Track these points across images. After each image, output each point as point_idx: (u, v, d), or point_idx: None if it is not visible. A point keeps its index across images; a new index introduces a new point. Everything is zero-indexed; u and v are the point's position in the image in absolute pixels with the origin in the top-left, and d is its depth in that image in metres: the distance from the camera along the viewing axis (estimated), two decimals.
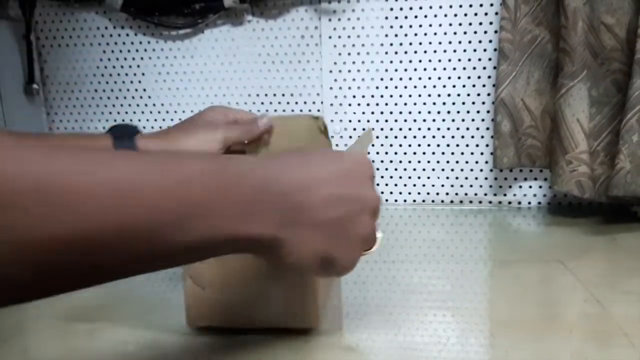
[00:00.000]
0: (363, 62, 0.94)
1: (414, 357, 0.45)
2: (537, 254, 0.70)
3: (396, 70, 0.94)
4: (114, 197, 0.27)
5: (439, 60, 0.92)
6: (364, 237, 0.38)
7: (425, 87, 0.94)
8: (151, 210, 0.28)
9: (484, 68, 0.91)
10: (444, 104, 0.94)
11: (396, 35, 0.93)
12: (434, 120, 0.94)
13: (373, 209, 0.39)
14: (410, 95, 0.94)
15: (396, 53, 0.93)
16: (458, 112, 0.93)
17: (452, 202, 0.97)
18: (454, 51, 0.92)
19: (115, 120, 1.03)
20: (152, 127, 1.02)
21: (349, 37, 0.94)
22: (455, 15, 0.90)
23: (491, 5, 0.89)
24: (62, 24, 1.00)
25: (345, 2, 0.92)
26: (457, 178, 0.96)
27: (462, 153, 0.95)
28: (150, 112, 1.02)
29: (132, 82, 1.01)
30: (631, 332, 0.48)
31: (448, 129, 0.94)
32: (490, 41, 0.90)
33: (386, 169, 0.97)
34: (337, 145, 0.98)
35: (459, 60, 0.92)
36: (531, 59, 0.86)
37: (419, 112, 0.95)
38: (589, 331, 0.49)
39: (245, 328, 0.50)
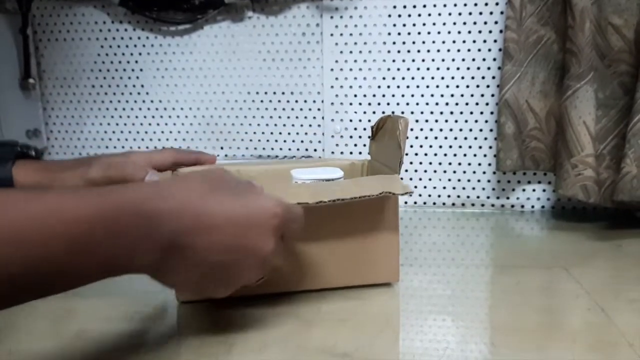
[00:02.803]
0: (365, 61, 0.93)
1: None
2: (540, 259, 0.69)
3: (398, 69, 0.92)
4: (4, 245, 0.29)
5: (442, 60, 0.91)
6: (246, 282, 0.40)
7: (428, 86, 0.92)
8: (41, 252, 0.31)
9: (488, 68, 0.90)
10: (446, 104, 0.92)
11: (399, 34, 0.91)
12: (436, 120, 0.93)
13: (262, 259, 0.40)
14: (412, 95, 0.93)
15: (399, 52, 0.92)
16: (461, 112, 0.92)
17: (453, 204, 0.96)
18: (458, 50, 0.90)
19: (112, 117, 1.02)
20: (150, 124, 1.01)
21: (350, 35, 0.92)
22: (460, 14, 0.89)
23: (496, 4, 0.87)
24: (59, 18, 0.99)
25: (347, 0, 0.91)
26: (459, 180, 0.94)
27: (465, 155, 0.93)
28: (148, 109, 1.01)
29: (129, 77, 1.00)
30: (636, 342, 0.46)
31: (451, 130, 0.93)
32: (495, 41, 0.88)
33: None
34: (337, 145, 0.96)
35: (463, 59, 0.90)
36: (536, 60, 0.84)
37: (422, 113, 0.93)
38: (593, 341, 0.47)
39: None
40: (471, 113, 0.92)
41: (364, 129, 0.95)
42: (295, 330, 0.50)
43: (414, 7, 0.90)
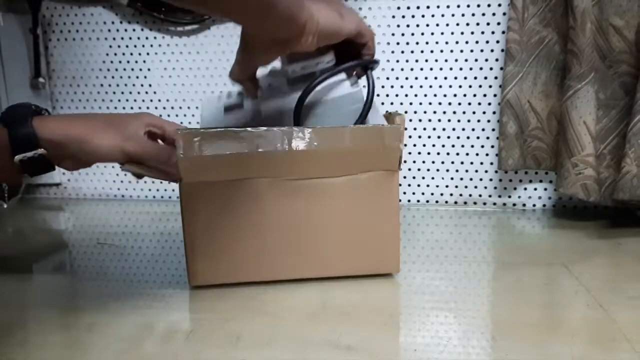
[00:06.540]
0: None
1: (414, 357, 0.45)
2: (541, 256, 0.70)
3: (402, 69, 0.93)
4: None
5: (446, 60, 0.92)
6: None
7: (431, 87, 0.93)
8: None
9: (491, 69, 0.91)
10: (449, 104, 0.93)
11: (402, 35, 0.92)
12: (439, 120, 0.94)
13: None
14: (415, 95, 0.94)
15: (402, 52, 0.93)
16: (464, 112, 0.93)
17: (456, 203, 0.97)
18: (461, 51, 0.91)
19: None
20: None
21: None
22: (463, 15, 0.90)
23: (499, 5, 0.88)
24: (68, 18, 1.01)
25: (351, 0, 0.92)
26: (461, 179, 0.95)
27: (467, 154, 0.94)
28: (156, 108, 1.02)
29: (137, 77, 1.01)
30: (634, 338, 0.47)
31: (453, 129, 0.94)
32: (498, 42, 0.89)
33: None
34: None
35: (466, 60, 0.91)
36: (538, 60, 0.85)
37: (425, 112, 0.94)
38: (591, 336, 0.48)
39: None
40: (474, 113, 0.93)
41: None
42: (300, 324, 0.51)
43: (418, 8, 0.91)
